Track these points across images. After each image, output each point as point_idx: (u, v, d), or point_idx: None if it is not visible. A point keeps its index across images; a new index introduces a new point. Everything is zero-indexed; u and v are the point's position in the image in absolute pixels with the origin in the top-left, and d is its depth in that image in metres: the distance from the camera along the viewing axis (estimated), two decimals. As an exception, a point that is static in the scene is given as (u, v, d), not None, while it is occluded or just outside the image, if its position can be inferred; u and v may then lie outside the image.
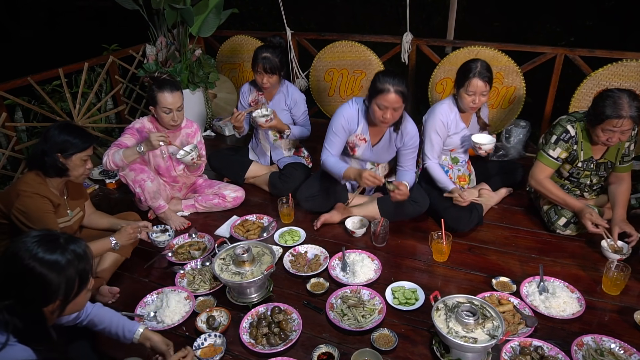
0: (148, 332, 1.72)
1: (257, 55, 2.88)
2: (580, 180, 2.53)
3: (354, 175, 2.45)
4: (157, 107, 2.61)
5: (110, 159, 2.55)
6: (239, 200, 2.94)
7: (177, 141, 2.79)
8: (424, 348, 1.89)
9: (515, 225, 2.71)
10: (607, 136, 2.22)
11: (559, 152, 2.38)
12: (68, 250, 1.32)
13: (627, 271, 2.08)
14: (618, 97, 2.15)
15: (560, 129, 2.40)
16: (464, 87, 2.51)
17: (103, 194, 3.26)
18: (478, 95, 2.50)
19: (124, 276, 2.40)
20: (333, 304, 2.09)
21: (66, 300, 1.33)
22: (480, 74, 2.46)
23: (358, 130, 2.58)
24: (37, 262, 1.26)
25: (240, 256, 2.06)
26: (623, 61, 3.16)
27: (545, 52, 3.43)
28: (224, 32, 4.43)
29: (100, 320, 1.71)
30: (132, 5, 3.69)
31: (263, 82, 2.91)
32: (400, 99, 2.33)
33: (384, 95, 2.31)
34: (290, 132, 3.04)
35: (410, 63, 3.86)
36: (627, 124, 2.14)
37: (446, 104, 2.66)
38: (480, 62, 2.50)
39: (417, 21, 6.27)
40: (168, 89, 2.58)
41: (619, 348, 1.80)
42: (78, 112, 3.55)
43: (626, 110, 2.11)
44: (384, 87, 2.31)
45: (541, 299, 2.10)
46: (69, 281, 1.31)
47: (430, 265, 2.40)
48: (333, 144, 2.58)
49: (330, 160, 2.58)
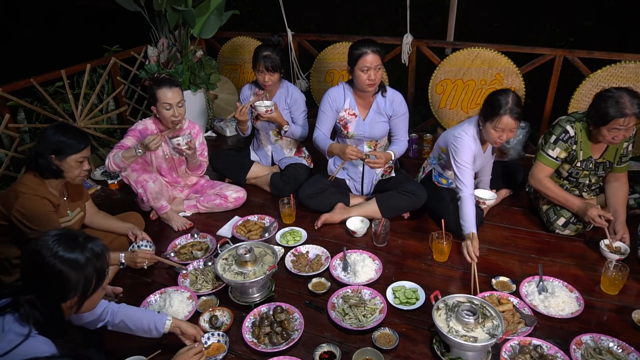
0: (176, 321, 1.79)
1: (257, 54, 2.91)
2: (579, 180, 2.55)
3: (337, 150, 2.62)
4: (157, 105, 2.63)
5: (111, 160, 2.57)
6: (240, 201, 2.97)
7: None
8: (424, 347, 1.91)
9: (514, 226, 2.73)
10: (612, 135, 2.24)
11: (558, 152, 2.40)
12: (87, 249, 1.36)
13: (625, 271, 2.10)
14: (619, 96, 2.17)
15: (560, 129, 2.41)
16: (492, 123, 2.30)
17: (105, 195, 3.28)
18: (506, 132, 2.30)
19: (127, 276, 2.42)
20: (334, 303, 2.12)
21: (84, 296, 1.38)
22: (512, 110, 2.24)
23: (346, 105, 2.69)
24: (58, 260, 1.31)
25: (243, 256, 2.09)
26: (622, 62, 3.18)
27: (544, 53, 3.45)
28: (225, 33, 4.45)
29: (132, 321, 1.75)
30: (133, 6, 3.70)
31: (265, 80, 2.93)
32: (379, 57, 2.49)
33: (364, 57, 2.47)
34: (288, 127, 3.07)
35: (411, 64, 3.88)
36: (632, 121, 2.17)
37: (470, 132, 2.46)
38: (511, 95, 2.26)
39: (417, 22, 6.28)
40: (167, 85, 2.61)
41: (617, 347, 1.83)
42: (80, 113, 3.56)
43: (629, 108, 2.14)
44: (361, 51, 2.48)
45: (540, 298, 2.12)
46: (87, 278, 1.36)
47: (430, 265, 2.42)
48: (322, 122, 2.75)
49: (320, 137, 2.76)
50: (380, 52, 2.51)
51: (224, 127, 4.19)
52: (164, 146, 2.78)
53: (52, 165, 2.05)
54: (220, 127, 4.21)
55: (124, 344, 1.89)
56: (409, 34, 3.75)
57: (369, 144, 2.78)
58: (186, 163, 2.88)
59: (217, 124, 4.25)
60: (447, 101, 3.77)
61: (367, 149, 2.77)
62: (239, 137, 4.10)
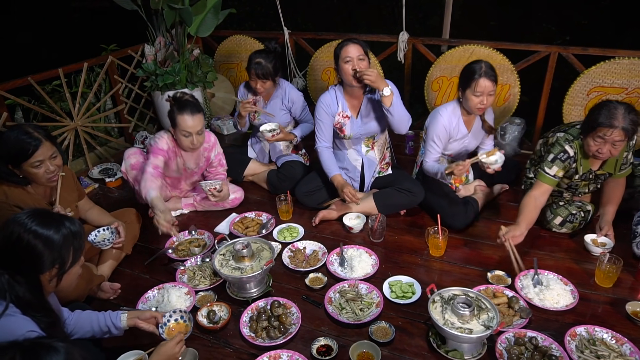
0: (132, 312, 1.79)
1: (250, 61, 2.93)
2: (578, 190, 2.55)
3: (337, 184, 2.63)
4: (176, 130, 2.53)
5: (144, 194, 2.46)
6: (237, 201, 2.97)
7: (193, 158, 2.77)
8: (420, 340, 1.93)
9: (510, 221, 2.71)
10: (597, 146, 2.17)
11: (555, 171, 2.34)
12: (63, 226, 1.43)
13: (619, 264, 2.12)
14: (614, 107, 2.11)
15: (558, 149, 2.35)
16: (470, 88, 2.46)
17: (103, 193, 3.29)
18: (485, 96, 2.45)
19: (125, 272, 2.43)
20: (331, 298, 2.13)
21: (62, 269, 1.43)
22: (487, 73, 2.42)
23: (339, 108, 2.69)
24: (32, 234, 1.37)
25: (240, 252, 2.10)
26: (616, 59, 3.20)
27: (539, 50, 3.48)
28: (222, 32, 4.46)
29: (86, 325, 1.73)
30: (130, 5, 3.72)
31: (257, 87, 2.96)
32: (359, 47, 2.49)
33: (345, 48, 2.49)
34: (297, 139, 3.10)
35: (407, 62, 3.90)
36: (617, 135, 2.09)
37: (450, 108, 2.63)
38: (483, 62, 2.46)
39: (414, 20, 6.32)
40: (189, 111, 2.48)
41: (611, 338, 1.85)
42: (77, 111, 3.58)
43: (619, 120, 2.07)
44: (342, 44, 2.52)
45: (535, 291, 2.14)
46: (63, 252, 1.41)
47: (426, 260, 2.44)
48: (322, 132, 2.74)
49: (324, 154, 2.74)
50: (362, 43, 2.51)
51: (222, 126, 4.20)
52: (179, 161, 2.72)
53: (12, 175, 1.97)
54: (218, 125, 4.22)
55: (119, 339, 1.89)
56: (405, 31, 3.77)
57: (367, 142, 2.79)
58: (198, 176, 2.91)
59: (214, 123, 4.26)
60: (443, 98, 3.79)
61: (364, 148, 2.80)
62: (236, 135, 4.14)
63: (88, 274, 2.12)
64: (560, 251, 2.46)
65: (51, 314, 1.44)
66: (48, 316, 1.40)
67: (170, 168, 2.73)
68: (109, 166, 3.58)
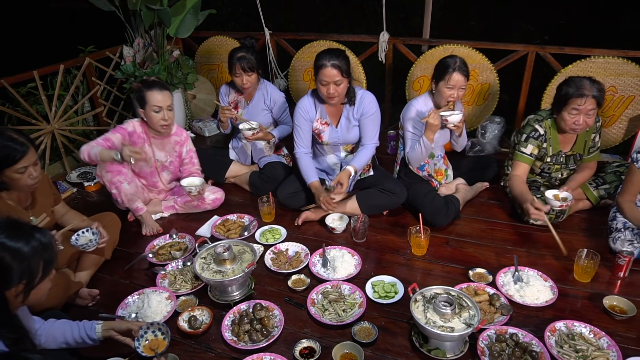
0: (107, 323, 1.73)
1: (232, 57, 2.90)
2: (551, 175, 2.62)
3: (315, 190, 2.63)
4: (146, 107, 2.58)
5: (86, 151, 2.50)
6: (218, 202, 2.95)
7: (164, 150, 2.76)
8: (403, 339, 1.93)
9: (491, 219, 2.78)
10: (573, 119, 2.32)
11: (531, 149, 2.48)
12: (33, 238, 1.35)
13: (597, 259, 2.16)
14: (579, 80, 2.30)
15: (530, 128, 2.51)
16: (444, 81, 2.54)
17: (81, 197, 3.23)
18: (457, 89, 2.55)
19: (104, 278, 2.38)
20: (314, 299, 2.12)
21: (30, 285, 1.35)
22: (460, 68, 2.52)
23: (317, 115, 2.68)
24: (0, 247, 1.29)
25: (221, 255, 2.08)
26: (591, 58, 3.26)
27: (517, 49, 3.52)
28: (202, 33, 4.42)
29: (59, 336, 1.67)
30: (108, 6, 3.65)
31: (243, 82, 2.93)
32: (338, 72, 2.43)
33: (322, 70, 2.44)
34: (275, 139, 3.09)
35: (387, 62, 3.92)
36: (590, 103, 2.25)
37: (421, 99, 2.71)
38: (458, 57, 2.56)
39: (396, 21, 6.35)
40: (157, 87, 2.57)
41: (589, 332, 1.88)
42: (54, 114, 3.50)
43: (588, 89, 2.24)
44: (321, 62, 2.45)
45: (516, 288, 2.16)
46: (32, 267, 1.34)
47: (409, 259, 2.45)
48: (300, 137, 2.72)
49: (302, 160, 2.72)
50: (341, 66, 2.43)
51: (203, 128, 4.16)
52: (148, 150, 2.71)
53: None
54: (199, 127, 4.18)
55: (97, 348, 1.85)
56: (385, 31, 3.78)
57: (345, 148, 2.80)
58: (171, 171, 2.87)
59: (195, 124, 4.22)
60: (424, 98, 3.81)
61: (343, 153, 2.81)
62: (218, 137, 4.10)
63: (65, 281, 2.08)
64: (540, 247, 2.49)
65: (18, 330, 1.35)
66: (14, 332, 1.32)
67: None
68: (88, 170, 3.52)
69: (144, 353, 1.72)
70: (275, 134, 3.08)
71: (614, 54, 3.21)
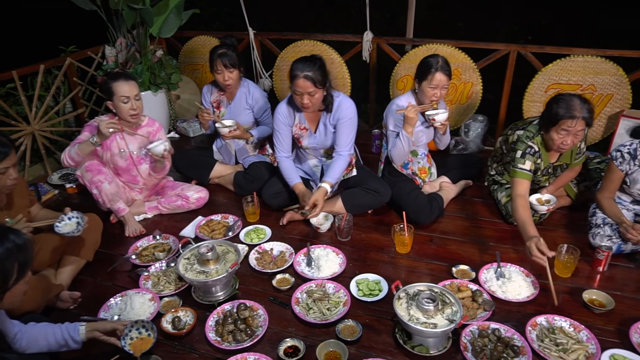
0: (91, 324, 1.71)
1: (213, 54, 2.89)
2: (540, 184, 2.65)
3: (298, 192, 2.64)
4: (114, 99, 2.56)
5: (66, 155, 2.53)
6: (202, 201, 2.93)
7: (136, 141, 2.75)
8: (387, 337, 1.94)
9: (474, 216, 2.81)
10: (561, 139, 2.27)
11: (529, 165, 2.40)
12: (7, 239, 1.33)
13: (576, 254, 2.20)
14: (570, 99, 2.23)
15: (524, 145, 2.43)
16: (427, 81, 2.56)
17: (63, 200, 3.18)
18: (440, 89, 2.57)
19: (87, 280, 2.35)
20: (299, 298, 2.12)
21: (4, 287, 1.34)
22: (442, 68, 2.53)
23: (296, 120, 2.68)
24: None
25: (205, 255, 2.06)
26: (571, 57, 3.31)
27: (499, 48, 3.57)
28: (186, 32, 4.39)
29: (40, 338, 1.64)
30: (89, 5, 3.61)
31: (225, 79, 2.91)
32: (310, 84, 2.39)
33: (295, 81, 2.41)
34: (253, 138, 3.07)
35: (371, 61, 3.93)
36: (580, 125, 2.21)
37: (405, 97, 2.73)
38: (440, 57, 2.57)
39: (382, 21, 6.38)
40: (122, 78, 2.56)
41: (570, 326, 1.91)
42: (35, 115, 3.44)
43: (579, 111, 2.19)
44: (294, 73, 2.41)
45: (498, 284, 2.19)
46: (6, 269, 1.32)
47: (393, 257, 2.46)
48: (280, 141, 2.71)
49: (283, 164, 2.72)
50: (313, 77, 2.37)
51: (187, 128, 4.13)
52: (120, 142, 2.70)
53: None
54: (184, 127, 4.15)
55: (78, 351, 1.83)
56: (369, 31, 3.80)
57: (325, 152, 2.80)
58: (149, 163, 2.82)
59: (180, 125, 4.19)
60: (408, 97, 3.84)
61: (324, 157, 2.83)
62: (203, 138, 4.08)
63: (45, 284, 2.05)
64: (522, 244, 2.50)
65: None
66: None
67: (112, 151, 2.70)
68: (69, 171, 3.47)
69: (131, 351, 1.73)
70: (254, 133, 3.07)
71: (593, 52, 3.27)
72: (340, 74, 3.98)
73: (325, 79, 2.46)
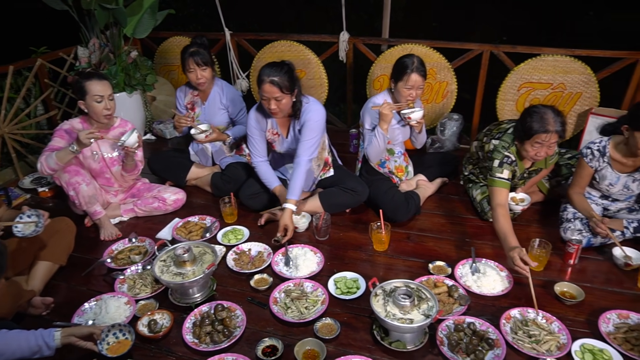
0: (66, 329, 1.68)
1: (184, 53, 2.88)
2: (517, 186, 2.70)
3: (279, 195, 2.67)
4: (87, 98, 2.52)
5: (44, 164, 2.46)
6: (179, 203, 2.90)
7: (109, 142, 2.71)
8: (365, 334, 1.95)
9: (450, 213, 2.85)
10: (535, 151, 2.30)
11: (507, 174, 2.42)
12: None
13: (548, 247, 2.25)
14: (544, 112, 2.24)
15: (500, 155, 2.45)
16: (402, 82, 2.59)
17: (36, 204, 3.11)
18: (415, 89, 2.61)
19: (60, 286, 2.31)
20: (277, 298, 2.12)
21: None
22: (417, 69, 2.57)
23: (269, 126, 2.68)
24: None
25: (181, 256, 2.04)
26: (541, 56, 3.40)
27: (472, 48, 3.63)
28: (162, 33, 4.34)
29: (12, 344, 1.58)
30: (60, 5, 3.54)
31: (198, 77, 2.89)
32: (277, 89, 2.37)
33: (262, 86, 2.39)
34: (230, 139, 3.05)
35: (348, 61, 3.96)
36: (553, 138, 2.24)
37: (381, 96, 2.76)
38: (415, 57, 2.60)
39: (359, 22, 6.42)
40: (96, 77, 2.53)
41: (542, 318, 1.96)
42: (4, 118, 3.35)
43: (552, 125, 2.21)
44: (261, 78, 2.39)
45: (473, 279, 2.23)
46: None
47: (371, 255, 2.48)
48: (255, 146, 2.70)
49: (260, 169, 2.73)
50: (280, 83, 2.35)
51: (164, 130, 4.08)
52: (92, 145, 2.65)
53: None
54: (160, 129, 4.10)
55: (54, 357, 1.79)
56: (345, 31, 3.82)
57: None
58: (121, 164, 2.77)
59: (156, 126, 4.14)
60: (385, 97, 3.87)
61: None
62: (179, 139, 4.04)
63: (15, 290, 1.99)
64: (497, 239, 2.55)
65: None
66: None
67: (85, 155, 2.65)
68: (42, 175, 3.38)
69: (109, 354, 1.71)
70: (230, 134, 3.06)
71: (562, 52, 3.35)
72: (318, 74, 3.99)
73: (293, 84, 2.43)
